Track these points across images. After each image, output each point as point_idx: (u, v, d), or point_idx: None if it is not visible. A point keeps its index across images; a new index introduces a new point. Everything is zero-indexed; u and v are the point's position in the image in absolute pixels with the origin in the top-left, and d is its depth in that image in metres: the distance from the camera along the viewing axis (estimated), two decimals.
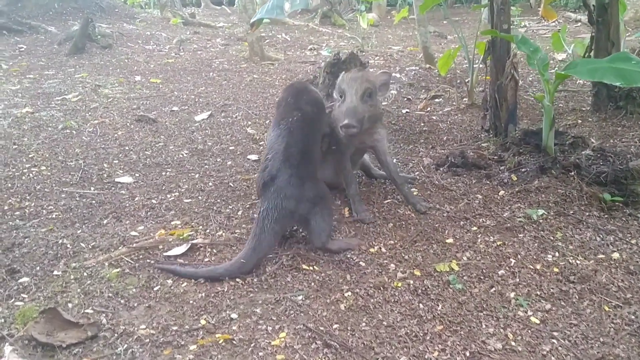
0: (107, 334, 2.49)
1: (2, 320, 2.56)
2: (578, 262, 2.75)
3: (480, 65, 5.68)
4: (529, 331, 2.31)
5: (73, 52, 9.07)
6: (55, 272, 2.96)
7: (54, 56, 9.04)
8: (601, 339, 2.29)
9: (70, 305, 2.68)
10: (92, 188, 4.06)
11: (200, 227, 3.41)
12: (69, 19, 11.66)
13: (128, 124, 5.55)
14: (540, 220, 3.11)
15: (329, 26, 13.13)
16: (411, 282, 2.67)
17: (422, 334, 2.34)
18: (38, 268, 3.00)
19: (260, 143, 4.85)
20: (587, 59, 3.86)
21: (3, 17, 11.10)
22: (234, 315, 2.55)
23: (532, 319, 2.37)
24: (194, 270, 2.81)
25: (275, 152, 2.99)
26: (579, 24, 11.67)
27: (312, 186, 2.95)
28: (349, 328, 2.42)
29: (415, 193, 3.57)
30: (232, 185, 4.02)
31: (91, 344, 2.44)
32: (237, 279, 2.81)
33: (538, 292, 2.54)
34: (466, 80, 6.12)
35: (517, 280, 2.63)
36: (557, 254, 2.83)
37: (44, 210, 3.72)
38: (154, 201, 3.81)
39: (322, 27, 12.81)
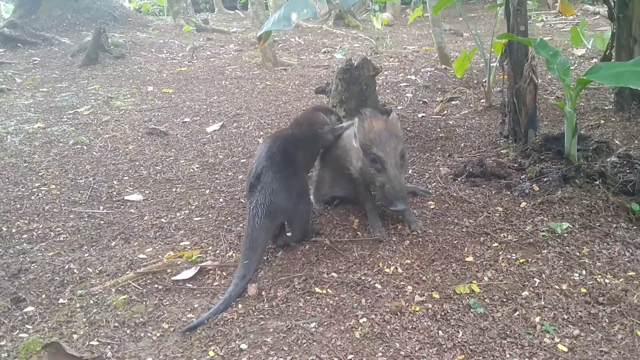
0: None
1: (6, 354, 2.48)
2: (607, 280, 2.58)
3: (498, 65, 5.51)
4: None
5: (86, 63, 9.06)
6: (60, 300, 2.87)
7: (67, 68, 9.05)
8: None
9: (75, 336, 2.59)
10: (101, 207, 3.98)
11: (210, 247, 3.30)
12: (83, 29, 11.68)
13: (139, 137, 5.48)
14: (565, 234, 2.95)
15: (343, 27, 12.99)
16: (430, 305, 2.53)
17: None
18: (44, 296, 2.92)
19: None
20: (611, 63, 3.67)
21: (17, 29, 11.16)
22: (243, 346, 2.43)
23: (560, 346, 2.21)
24: (215, 308, 2.67)
25: (259, 156, 3.13)
26: (598, 16, 11.38)
27: (294, 182, 3.09)
28: (364, 359, 2.29)
29: (432, 207, 3.43)
30: (243, 201, 3.91)
31: None
32: (248, 305, 2.70)
33: (565, 316, 2.38)
34: (483, 81, 5.95)
35: (542, 302, 2.47)
36: (584, 272, 2.66)
37: (52, 233, 3.64)
38: (163, 220, 3.72)
39: (335, 29, 12.68)
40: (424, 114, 5.67)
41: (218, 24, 13.87)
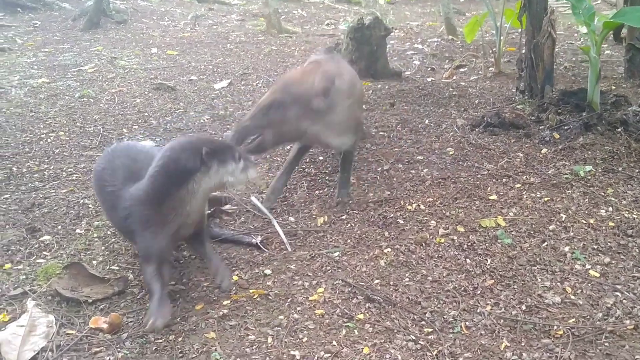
0: (135, 290, 2.36)
1: (24, 277, 2.44)
2: (634, 216, 2.57)
3: (512, 37, 5.48)
4: (589, 285, 2.15)
5: (88, 27, 8.93)
6: (77, 231, 2.83)
7: (68, 31, 8.91)
8: None
9: (94, 262, 2.56)
10: None
11: None
12: None
13: (146, 92, 5.40)
14: (589, 177, 2.93)
15: (345, 3, 12.89)
16: (455, 238, 2.51)
17: (471, 289, 2.19)
18: (59, 227, 2.87)
19: None
20: (635, 7, 3.61)
21: None
22: (267, 272, 2.41)
23: (592, 272, 2.20)
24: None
25: None
26: (599, 1, 11.33)
27: None
28: (391, 283, 2.27)
29: (451, 153, 3.40)
30: None
31: (118, 299, 2.31)
32: (268, 239, 2.67)
33: (594, 246, 2.37)
34: (493, 49, 5.91)
35: (571, 234, 2.46)
36: (610, 208, 2.65)
37: (64, 173, 3.59)
38: None
39: (337, 4, 12.59)
40: (433, 79, 5.62)
41: None
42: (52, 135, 4.27)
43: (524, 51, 4.13)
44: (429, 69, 6.12)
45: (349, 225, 2.71)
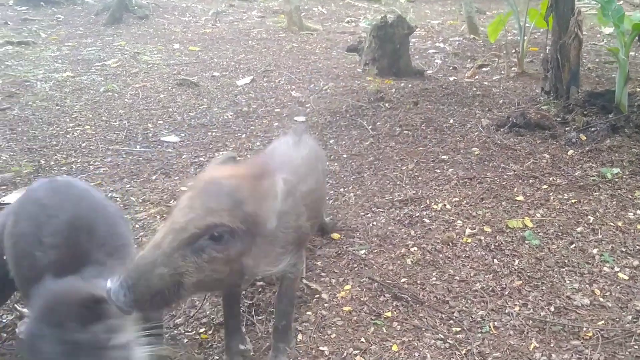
0: None
1: None
2: None
3: (535, 36, 5.45)
4: (618, 287, 2.14)
5: (110, 22, 9.01)
6: None
7: (91, 26, 9.00)
8: None
9: None
10: (138, 146, 3.97)
11: None
12: None
13: (170, 87, 5.45)
14: (616, 179, 2.92)
15: (365, 1, 12.87)
16: (482, 238, 2.52)
17: (499, 289, 2.19)
18: None
19: (307, 106, 4.69)
20: None
21: None
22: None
23: (620, 275, 2.20)
24: None
25: None
26: (622, 1, 11.20)
27: None
28: (418, 282, 2.28)
29: (476, 153, 3.40)
30: None
31: None
32: None
33: (623, 249, 2.36)
34: (516, 49, 5.88)
35: (599, 236, 2.46)
36: (638, 211, 2.64)
37: (91, 166, 3.64)
38: (201, 159, 3.71)
39: (357, 2, 12.57)
40: (455, 78, 5.61)
41: None
42: (78, 129, 4.33)
43: (548, 50, 4.11)
44: (451, 68, 6.11)
45: (375, 223, 2.72)
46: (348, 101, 4.61)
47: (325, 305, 2.18)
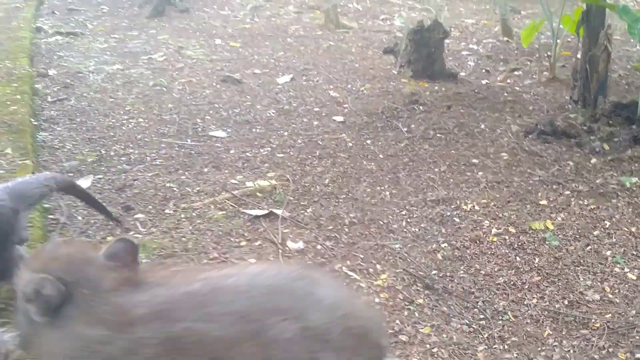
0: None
1: None
2: None
3: (568, 40, 5.63)
4: (626, 286, 2.41)
5: (153, 14, 9.35)
6: (166, 211, 3.20)
7: (135, 18, 9.35)
8: None
9: (184, 239, 2.92)
10: (189, 140, 4.29)
11: (296, 177, 3.59)
12: None
13: (214, 83, 5.76)
14: (634, 188, 3.16)
15: None
16: (506, 237, 2.79)
17: (520, 283, 2.47)
18: (150, 207, 3.25)
19: (344, 106, 4.97)
20: None
21: None
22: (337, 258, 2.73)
23: (629, 275, 2.46)
24: None
25: None
26: None
27: None
28: (447, 275, 2.57)
29: (505, 158, 3.66)
30: (320, 143, 4.18)
31: None
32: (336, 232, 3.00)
33: (634, 252, 2.62)
34: (548, 54, 6.06)
35: (613, 240, 2.71)
36: None
37: (148, 157, 3.96)
38: (248, 154, 4.01)
39: None
40: (487, 81, 5.83)
41: None
42: (133, 122, 4.67)
43: (578, 60, 4.32)
44: (484, 70, 6.31)
45: (409, 220, 3.01)
46: (384, 103, 4.89)
47: (364, 291, 2.48)
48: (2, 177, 3.31)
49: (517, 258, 2.64)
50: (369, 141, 4.13)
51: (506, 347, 2.14)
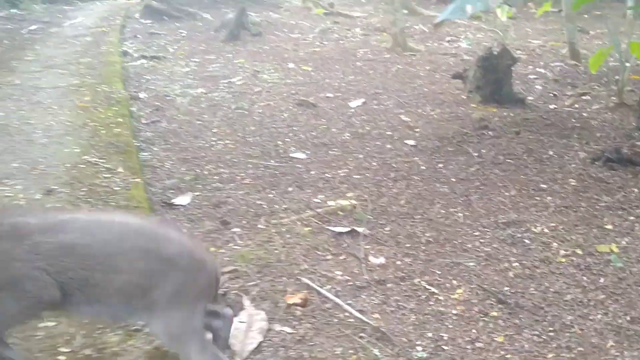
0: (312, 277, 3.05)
1: (228, 258, 3.19)
2: None
3: (638, 64, 5.73)
4: None
5: (229, 38, 9.92)
6: (259, 226, 3.58)
7: (211, 42, 9.94)
8: None
9: (276, 251, 3.28)
10: (273, 161, 4.68)
11: (372, 197, 3.91)
12: (221, 6, 12.68)
13: (290, 107, 6.15)
14: None
15: (465, 18, 13.19)
16: (574, 258, 3.03)
17: (586, 300, 2.71)
18: (244, 222, 3.63)
19: (416, 130, 5.26)
20: None
21: (163, 2, 12.32)
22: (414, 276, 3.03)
23: None
24: None
25: None
26: None
27: None
28: (519, 291, 2.82)
29: (572, 184, 3.87)
30: (394, 165, 4.48)
31: None
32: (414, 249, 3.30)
33: None
34: (617, 77, 6.16)
35: None
36: None
37: (238, 177, 4.37)
38: (327, 175, 4.36)
39: (458, 19, 12.90)
40: (555, 106, 5.99)
41: (341, 8, 14.46)
42: (221, 143, 5.10)
43: None
44: (551, 95, 6.47)
45: (481, 240, 3.28)
46: (454, 127, 5.16)
47: (442, 304, 2.77)
48: (118, 193, 3.81)
49: (584, 278, 2.87)
50: (440, 165, 4.41)
51: (572, 355, 2.39)
